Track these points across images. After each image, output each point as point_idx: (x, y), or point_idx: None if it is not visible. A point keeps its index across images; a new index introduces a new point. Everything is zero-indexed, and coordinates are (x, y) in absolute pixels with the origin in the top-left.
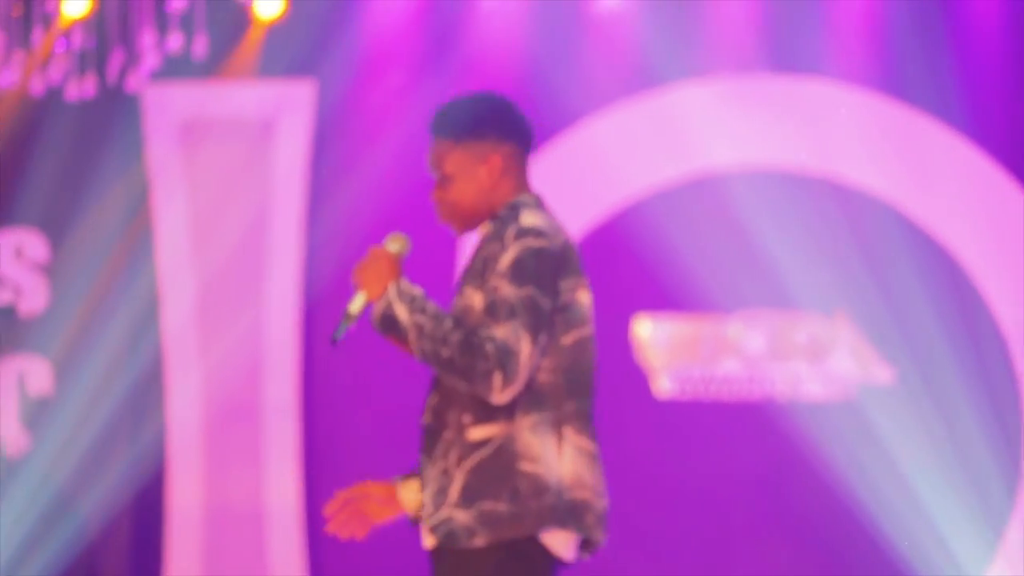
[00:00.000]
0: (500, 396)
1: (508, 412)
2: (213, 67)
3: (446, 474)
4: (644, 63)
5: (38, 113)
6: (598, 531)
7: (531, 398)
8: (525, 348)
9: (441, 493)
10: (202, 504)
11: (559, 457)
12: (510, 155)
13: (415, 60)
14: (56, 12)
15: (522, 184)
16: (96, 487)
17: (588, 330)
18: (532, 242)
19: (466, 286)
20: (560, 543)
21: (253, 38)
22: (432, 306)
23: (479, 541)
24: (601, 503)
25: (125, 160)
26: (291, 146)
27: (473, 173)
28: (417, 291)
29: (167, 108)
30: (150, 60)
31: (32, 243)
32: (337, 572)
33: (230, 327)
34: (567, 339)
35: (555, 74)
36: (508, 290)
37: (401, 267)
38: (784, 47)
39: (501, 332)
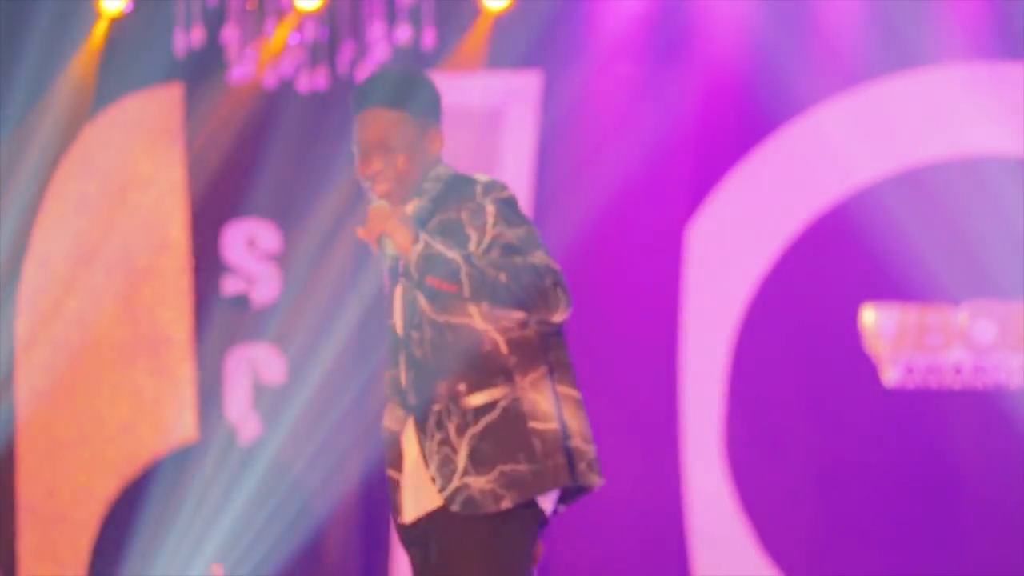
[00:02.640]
0: (563, 314)
1: (506, 374)
2: (441, 58)
3: (447, 444)
4: (869, 51)
5: (271, 105)
6: (592, 476)
7: (524, 356)
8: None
9: (447, 464)
10: None
11: (558, 409)
12: (442, 135)
13: (642, 50)
14: (289, 5)
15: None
16: (326, 474)
17: None
18: (501, 193)
19: None
20: (547, 500)
21: (481, 30)
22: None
23: (506, 503)
24: (591, 448)
25: None
26: (518, 137)
27: (421, 146)
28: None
29: None
30: (380, 52)
31: (264, 234)
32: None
33: None
34: None
35: (782, 63)
36: (514, 233)
37: None
38: (1008, 35)
39: (539, 259)
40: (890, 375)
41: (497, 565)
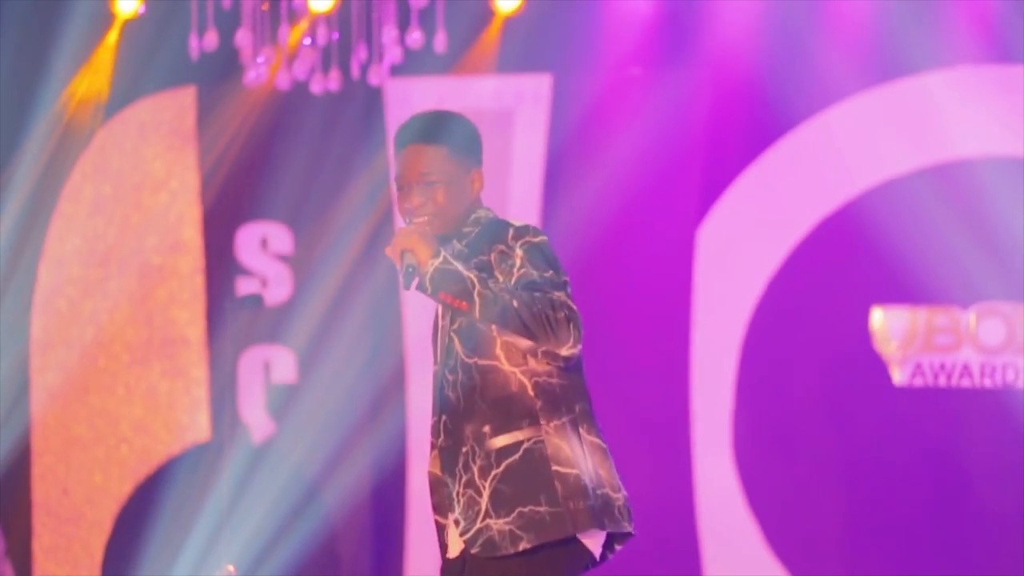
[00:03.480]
0: (571, 350)
1: (532, 417)
2: (453, 62)
3: (472, 486)
4: (879, 54)
5: (284, 107)
6: (625, 523)
7: (550, 402)
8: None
9: (471, 506)
10: None
11: (584, 457)
12: (482, 177)
13: (652, 54)
14: (302, 8)
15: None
16: (339, 474)
17: None
18: (532, 238)
19: None
20: (593, 542)
21: (492, 33)
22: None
23: (524, 544)
24: (619, 495)
25: (367, 152)
26: (529, 139)
27: (461, 183)
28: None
29: (408, 101)
30: (392, 55)
31: (277, 235)
32: None
33: None
34: None
35: (791, 66)
36: (539, 274)
37: None
38: (1017, 39)
39: (557, 296)
40: (899, 376)
41: None
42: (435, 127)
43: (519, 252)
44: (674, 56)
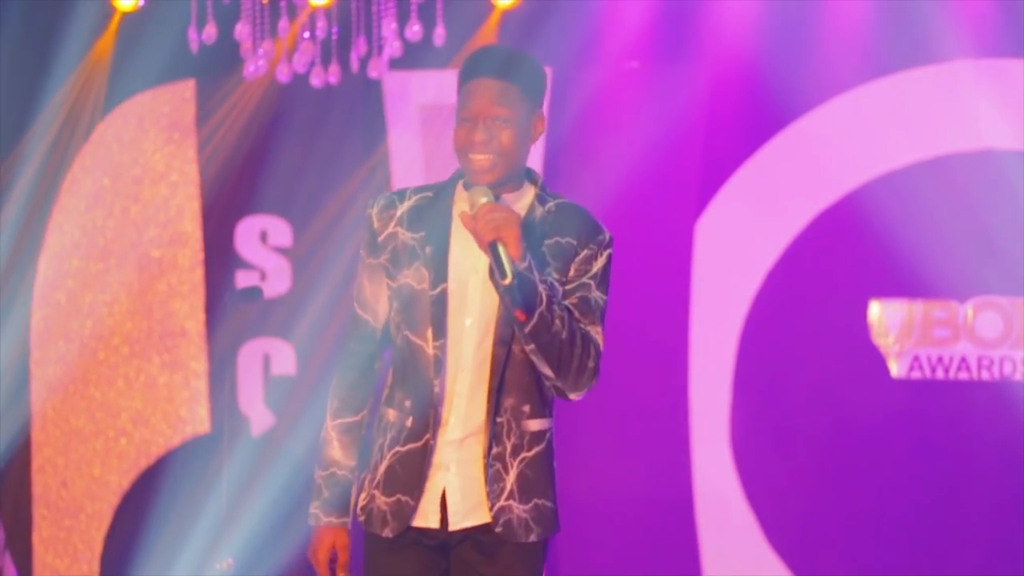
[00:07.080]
0: (577, 396)
1: (551, 408)
2: (452, 55)
3: (500, 460)
4: (877, 47)
5: (284, 100)
6: None
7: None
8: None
9: (497, 480)
10: None
11: None
12: (544, 121)
13: (651, 46)
14: (302, 1)
15: None
16: None
17: None
18: (612, 249)
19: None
20: None
21: (490, 27)
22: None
23: (533, 538)
24: None
25: (367, 145)
26: None
27: (527, 126)
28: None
29: (407, 95)
30: (391, 48)
31: (276, 228)
32: None
33: None
34: None
35: (790, 59)
36: (598, 295)
37: None
38: (1015, 32)
39: (596, 334)
40: (897, 369)
41: None
42: (511, 63)
43: (600, 262)
44: (672, 49)
